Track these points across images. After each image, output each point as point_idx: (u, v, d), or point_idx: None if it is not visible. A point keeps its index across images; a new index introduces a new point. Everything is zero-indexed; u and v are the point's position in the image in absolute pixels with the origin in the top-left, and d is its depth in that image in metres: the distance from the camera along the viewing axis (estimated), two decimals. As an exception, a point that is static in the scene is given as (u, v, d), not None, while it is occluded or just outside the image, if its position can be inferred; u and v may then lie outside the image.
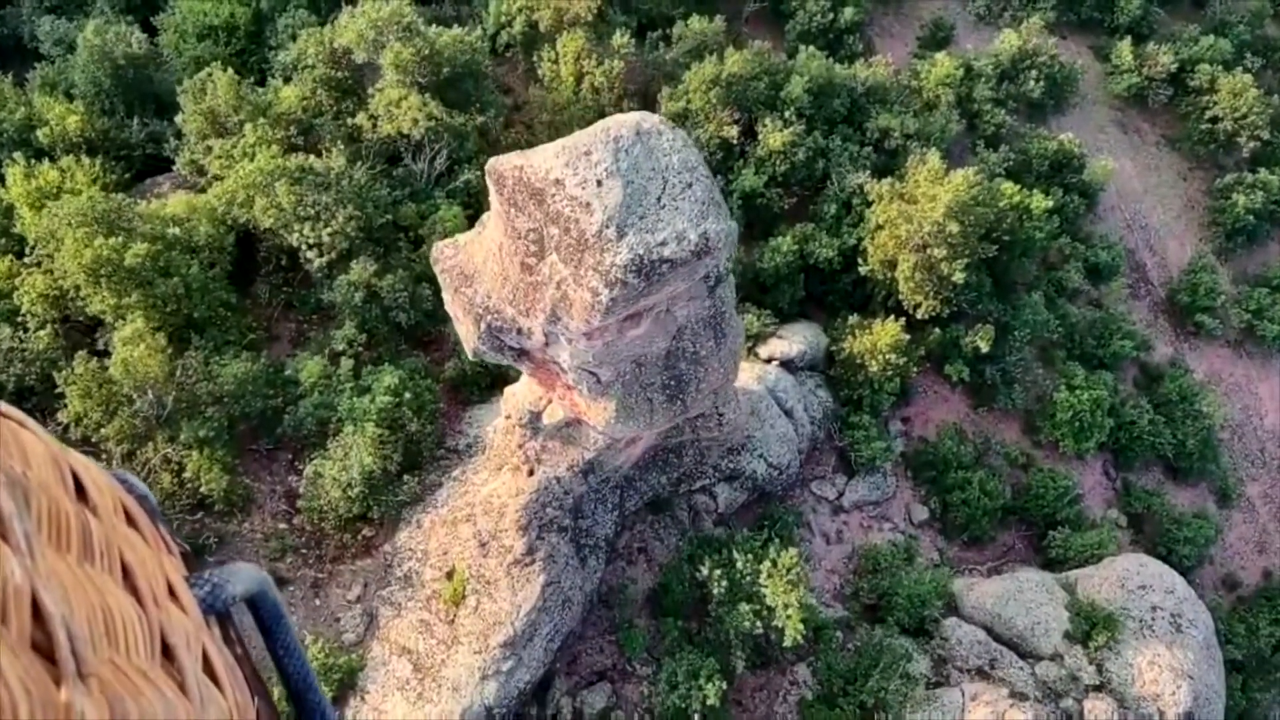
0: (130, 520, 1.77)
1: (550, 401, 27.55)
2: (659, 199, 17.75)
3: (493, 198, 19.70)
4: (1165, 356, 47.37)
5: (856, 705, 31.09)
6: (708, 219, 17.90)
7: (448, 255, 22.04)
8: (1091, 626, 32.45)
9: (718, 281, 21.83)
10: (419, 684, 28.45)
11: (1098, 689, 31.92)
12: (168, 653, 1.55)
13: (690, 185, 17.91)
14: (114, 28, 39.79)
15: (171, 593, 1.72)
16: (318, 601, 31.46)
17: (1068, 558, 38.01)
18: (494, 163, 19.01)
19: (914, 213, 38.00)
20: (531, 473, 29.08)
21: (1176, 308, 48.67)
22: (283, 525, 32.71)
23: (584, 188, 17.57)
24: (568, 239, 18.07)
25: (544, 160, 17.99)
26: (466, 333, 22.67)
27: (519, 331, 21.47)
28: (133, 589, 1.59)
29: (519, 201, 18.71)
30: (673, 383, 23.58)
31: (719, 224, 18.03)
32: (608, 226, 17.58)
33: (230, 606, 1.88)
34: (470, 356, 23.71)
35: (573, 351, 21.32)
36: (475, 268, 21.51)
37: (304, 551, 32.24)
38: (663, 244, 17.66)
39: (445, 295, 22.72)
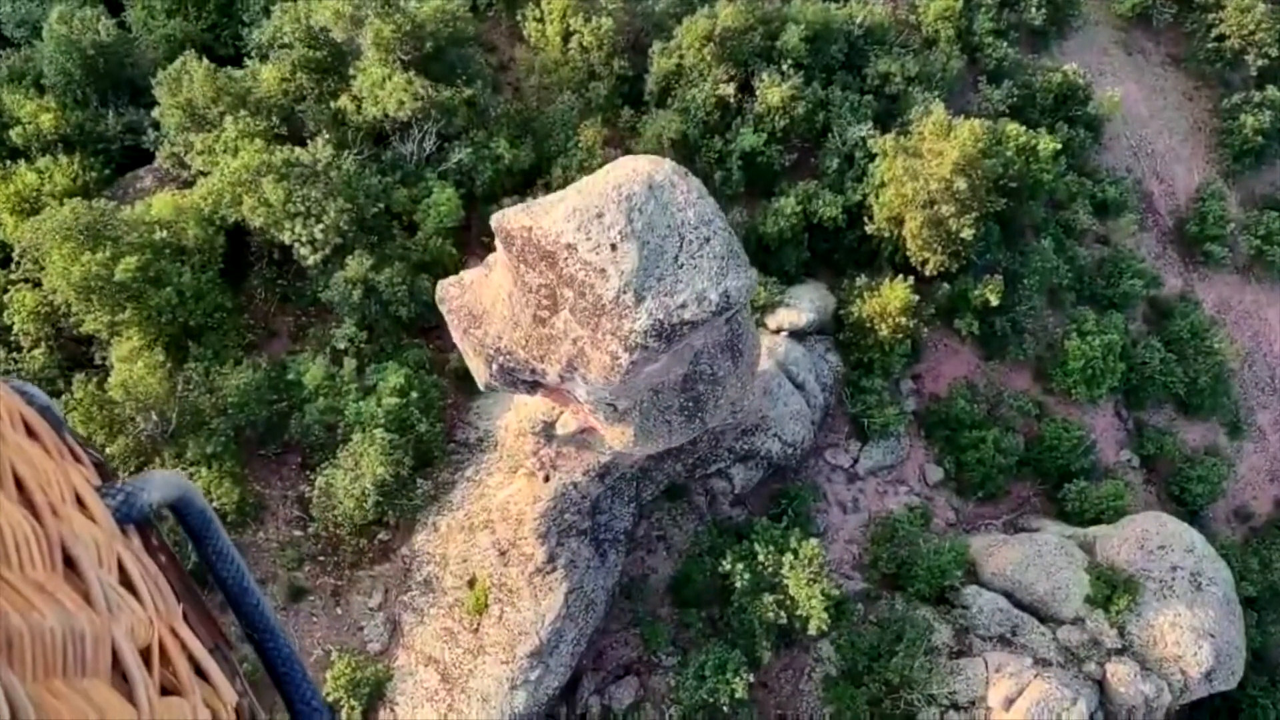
0: (31, 433, 1.73)
1: (563, 412, 27.04)
2: (676, 258, 16.98)
3: (500, 251, 18.88)
4: (1174, 289, 46.76)
5: (881, 683, 31.31)
6: (728, 275, 17.15)
7: (454, 295, 21.28)
8: (1112, 590, 32.53)
9: (735, 312, 21.12)
10: (448, 695, 28.53)
11: (1120, 652, 32.16)
12: (72, 564, 1.52)
13: (708, 240, 17.11)
14: (80, 13, 37.99)
15: (81, 504, 1.70)
16: (339, 610, 31.40)
17: (1084, 510, 37.97)
18: (500, 221, 18.13)
19: (920, 169, 36.95)
20: (547, 479, 28.71)
21: (1185, 238, 47.84)
22: (297, 532, 32.48)
23: (598, 253, 16.78)
24: (583, 302, 17.33)
25: (554, 223, 17.13)
26: (477, 369, 22.03)
27: (532, 371, 20.84)
28: (28, 502, 1.56)
29: (529, 259, 17.91)
30: (690, 404, 23.03)
31: (739, 279, 17.29)
32: (625, 292, 16.84)
33: (149, 514, 1.84)
34: (481, 388, 23.10)
35: (589, 389, 20.72)
36: (484, 308, 20.76)
37: (321, 559, 32.07)
38: (683, 306, 16.96)
39: (453, 333, 22.02)
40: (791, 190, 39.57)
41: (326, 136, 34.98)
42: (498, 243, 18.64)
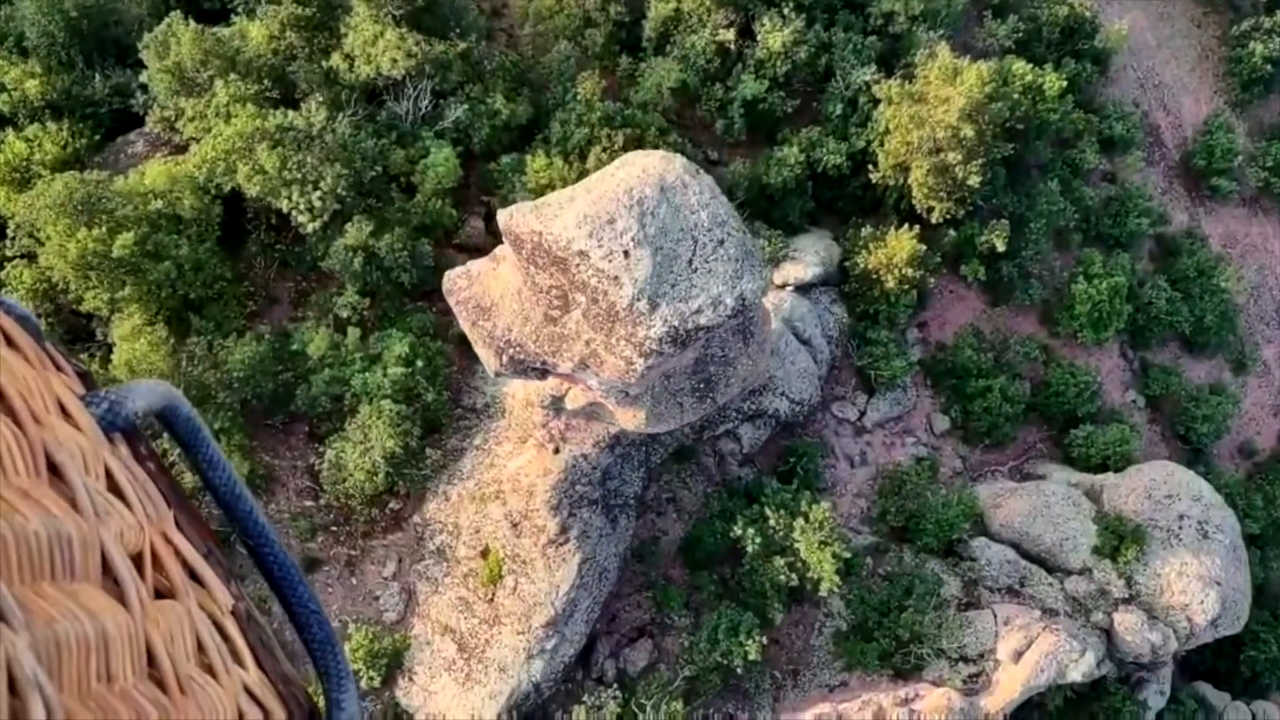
0: (10, 343, 1.77)
1: (571, 388, 26.89)
2: (690, 262, 16.68)
3: (508, 249, 18.54)
4: (1181, 225, 46.30)
5: (892, 638, 31.71)
6: (742, 278, 16.86)
7: (461, 287, 20.99)
8: (1120, 541, 32.77)
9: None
10: (465, 664, 28.89)
11: (1127, 602, 32.55)
12: (56, 470, 1.54)
13: (722, 242, 16.79)
14: (59, -28, 36.81)
15: (65, 413, 1.72)
16: (354, 580, 31.63)
17: (1090, 456, 38.08)
18: (508, 223, 17.76)
19: (925, 116, 36.26)
20: (557, 450, 28.70)
21: (1192, 171, 47.21)
22: (308, 503, 32.56)
23: (611, 260, 16.46)
24: (596, 308, 17.07)
25: (564, 229, 16.76)
26: (486, 359, 21.85)
27: (543, 363, 20.65)
28: (9, 410, 1.57)
29: (539, 262, 17.60)
30: (702, 385, 22.91)
31: (754, 281, 17.01)
32: (639, 299, 16.58)
33: (134, 422, 1.86)
34: (491, 375, 22.92)
35: (602, 380, 20.56)
36: (492, 300, 20.50)
37: (334, 529, 32.21)
38: (698, 312, 16.71)
39: (461, 323, 21.77)
40: (794, 138, 38.91)
41: (320, 98, 34.24)
42: (505, 241, 18.28)
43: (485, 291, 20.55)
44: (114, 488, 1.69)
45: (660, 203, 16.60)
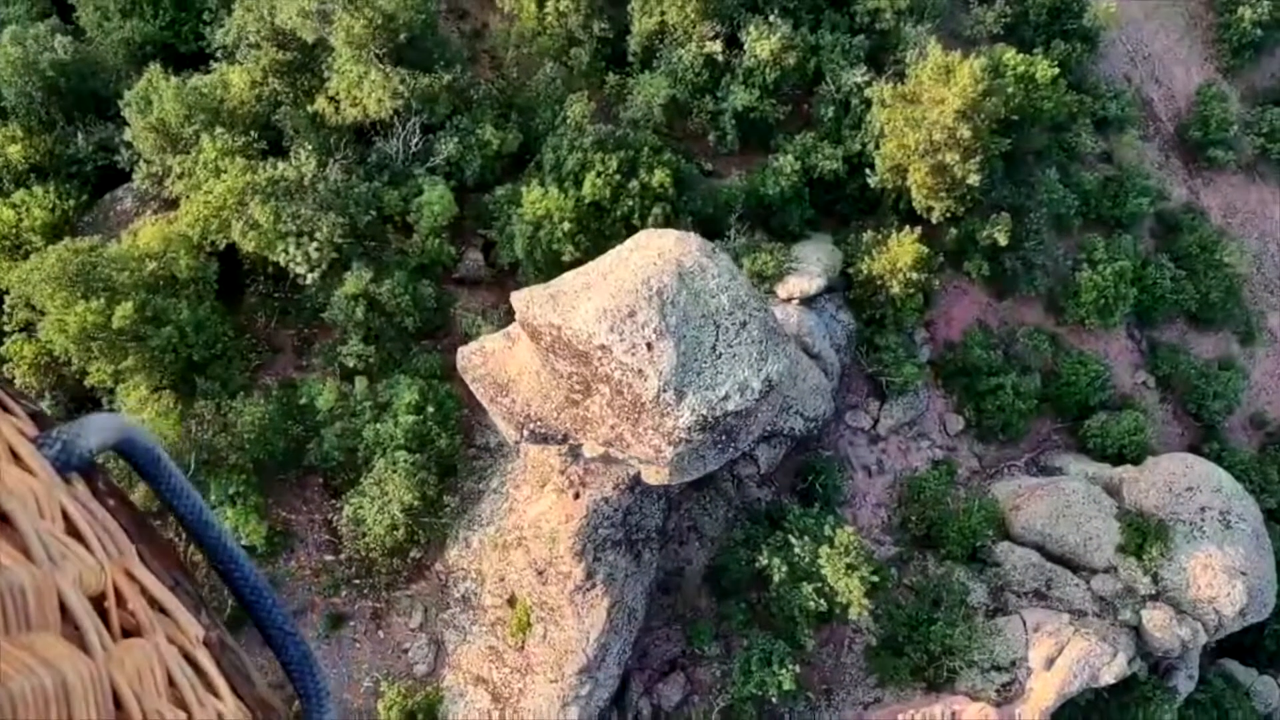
0: None
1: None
2: (714, 348, 16.43)
3: (524, 335, 18.25)
4: (1180, 199, 46.02)
5: (923, 652, 31.71)
6: (768, 360, 16.62)
7: (476, 364, 20.73)
8: (1144, 538, 32.74)
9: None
10: (500, 715, 28.85)
11: (1154, 598, 32.56)
12: (6, 519, 1.53)
13: (744, 325, 16.54)
14: (33, 31, 36.17)
15: (16, 457, 1.71)
16: (381, 634, 31.53)
17: (1106, 446, 37.99)
18: (525, 313, 17.47)
19: (920, 118, 35.83)
20: (577, 495, 28.48)
21: (1187, 143, 46.87)
22: (329, 557, 32.39)
23: (634, 354, 16.19)
24: (621, 399, 16.83)
25: (584, 324, 16.48)
26: (506, 430, 21.63)
27: (566, 436, 20.41)
28: None
29: (559, 352, 17.31)
30: (724, 438, 22.66)
31: (779, 362, 16.78)
32: (665, 391, 16.33)
33: (91, 460, 1.84)
34: (511, 443, 22.68)
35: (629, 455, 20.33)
36: (509, 377, 20.25)
37: (357, 583, 32.05)
38: (725, 398, 16.48)
39: (479, 397, 21.51)
40: (789, 145, 38.49)
41: (308, 146, 33.71)
42: (521, 328, 17.99)
43: (502, 368, 20.28)
44: (72, 529, 1.68)
45: (680, 290, 16.32)
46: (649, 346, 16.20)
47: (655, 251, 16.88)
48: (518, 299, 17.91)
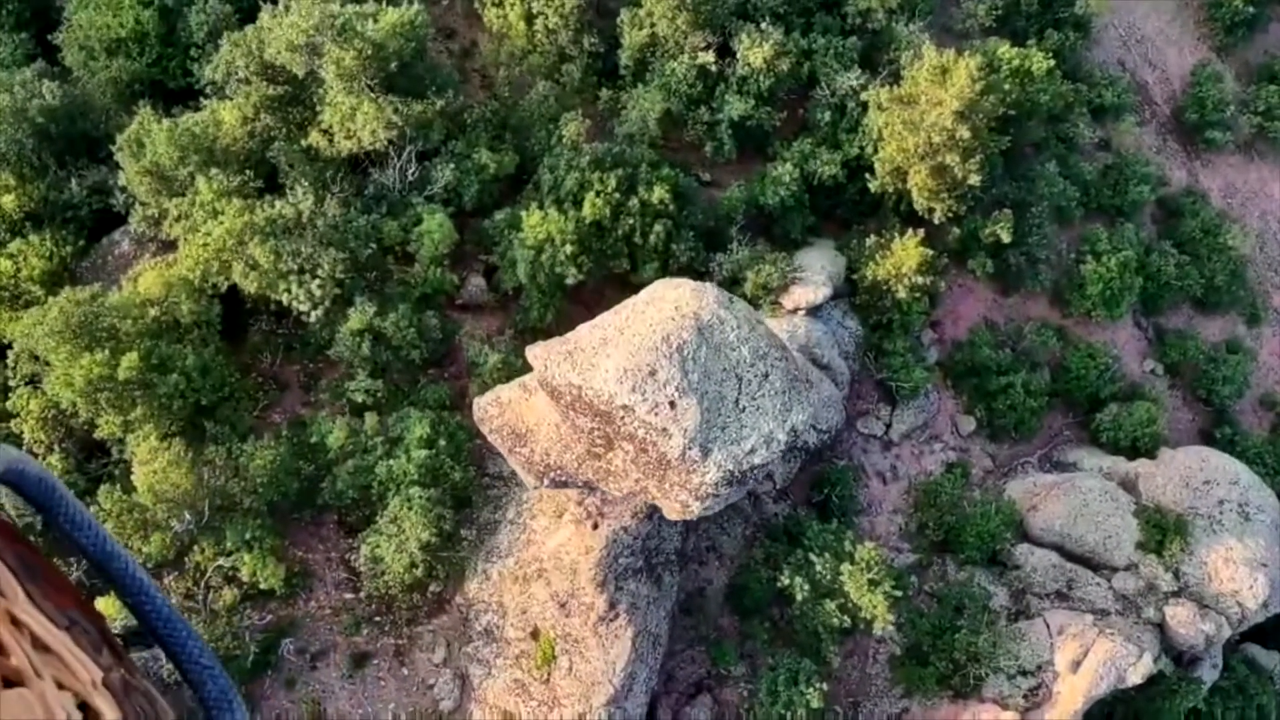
0: None
1: (606, 470, 26.49)
2: (737, 401, 16.26)
3: (541, 389, 18.06)
4: (1180, 183, 45.82)
5: (948, 660, 31.64)
6: (791, 410, 16.46)
7: (493, 415, 20.56)
8: (1163, 535, 32.64)
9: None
10: (530, 749, 28.76)
11: (1176, 594, 32.49)
12: None
13: (767, 376, 16.36)
14: (19, 77, 35.80)
15: None
16: (405, 671, 31.41)
17: (1118, 439, 37.87)
18: (544, 373, 17.28)
19: (918, 120, 35.57)
20: (596, 526, 28.34)
21: (1184, 125, 46.63)
22: (349, 595, 32.25)
23: (657, 413, 16.03)
24: (645, 457, 16.66)
25: (605, 384, 16.31)
26: (526, 478, 21.45)
27: (587, 482, 20.26)
28: None
29: (579, 409, 17.13)
30: (740, 476, 22.52)
31: (803, 411, 16.62)
32: (690, 448, 16.17)
33: None
34: (530, 488, 22.53)
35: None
36: (527, 428, 20.08)
37: (378, 620, 31.92)
38: (751, 452, 16.33)
39: (498, 447, 21.33)
40: (787, 152, 38.27)
41: (305, 183, 33.41)
42: (539, 384, 17.81)
43: (519, 419, 20.11)
44: None
45: (700, 345, 16.14)
46: (672, 405, 16.04)
47: (672, 305, 16.67)
48: (534, 357, 17.73)
